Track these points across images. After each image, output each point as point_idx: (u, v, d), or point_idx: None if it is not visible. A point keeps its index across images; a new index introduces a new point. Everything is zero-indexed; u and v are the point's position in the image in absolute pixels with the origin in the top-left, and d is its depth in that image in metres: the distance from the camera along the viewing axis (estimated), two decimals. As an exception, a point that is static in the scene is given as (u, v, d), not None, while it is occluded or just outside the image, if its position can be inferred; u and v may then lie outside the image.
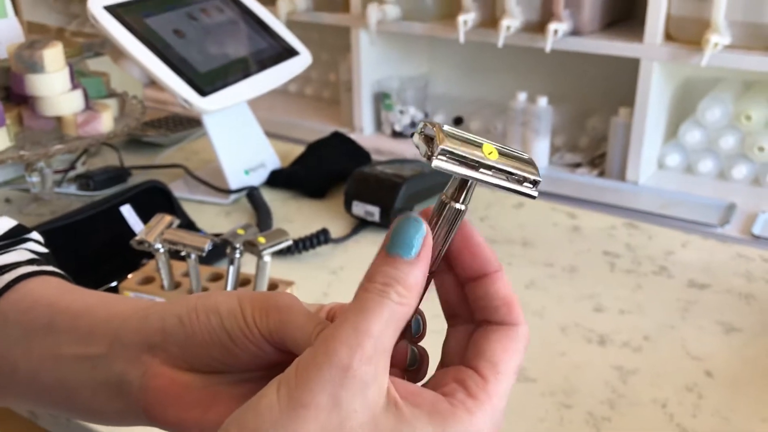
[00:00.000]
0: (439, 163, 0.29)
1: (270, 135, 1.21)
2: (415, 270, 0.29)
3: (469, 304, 0.32)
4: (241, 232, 0.74)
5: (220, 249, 0.77)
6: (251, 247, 0.72)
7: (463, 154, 0.29)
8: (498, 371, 0.29)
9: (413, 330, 0.33)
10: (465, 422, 0.28)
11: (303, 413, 0.26)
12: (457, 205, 0.30)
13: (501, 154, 0.30)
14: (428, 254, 0.29)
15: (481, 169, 0.29)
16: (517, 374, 0.30)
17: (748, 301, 0.82)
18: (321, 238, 0.92)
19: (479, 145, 0.29)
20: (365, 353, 0.27)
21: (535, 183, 0.30)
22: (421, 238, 0.29)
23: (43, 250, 0.47)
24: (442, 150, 0.28)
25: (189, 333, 0.33)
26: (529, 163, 0.31)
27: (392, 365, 0.29)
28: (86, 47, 1.20)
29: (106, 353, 0.35)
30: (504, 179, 0.30)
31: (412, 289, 0.29)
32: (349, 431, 0.26)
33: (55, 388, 0.37)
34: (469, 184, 0.30)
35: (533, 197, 0.31)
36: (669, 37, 1.29)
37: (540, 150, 1.48)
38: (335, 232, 0.96)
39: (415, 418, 0.27)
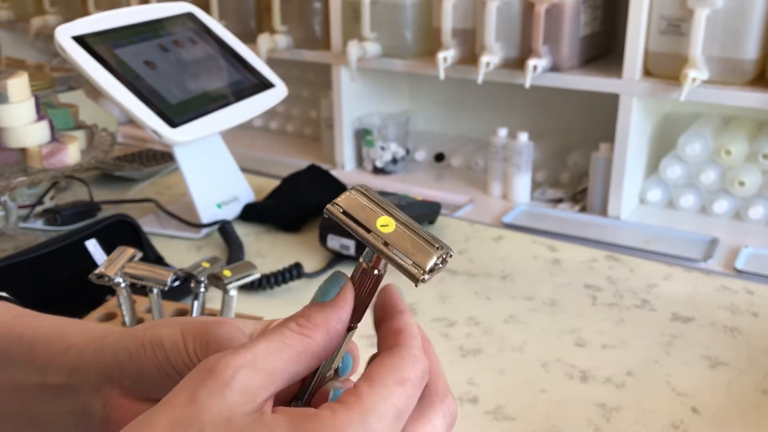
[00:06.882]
0: (331, 214, 0.30)
1: (251, 172, 1.19)
2: (326, 311, 0.30)
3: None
4: (206, 265, 0.71)
5: (188, 284, 0.74)
6: (216, 280, 0.69)
7: (355, 217, 0.30)
8: (372, 380, 0.28)
9: (339, 371, 0.33)
10: (326, 420, 0.27)
11: (160, 408, 0.27)
12: (375, 271, 0.31)
13: (399, 230, 0.30)
14: (344, 300, 0.31)
15: (370, 237, 0.30)
16: (403, 386, 0.29)
17: (733, 334, 0.79)
18: (293, 272, 0.89)
19: (379, 215, 0.30)
20: (235, 361, 0.28)
21: (431, 271, 0.30)
22: (337, 287, 0.31)
23: None
24: (337, 205, 0.30)
25: (139, 368, 0.34)
26: (429, 248, 0.30)
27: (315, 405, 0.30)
28: (59, 81, 1.18)
29: (67, 383, 0.36)
30: (395, 255, 0.30)
31: (318, 325, 0.30)
32: (200, 424, 0.26)
33: (17, 417, 0.38)
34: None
35: (416, 282, 0.30)
36: (647, 72, 1.29)
37: (521, 185, 1.47)
38: (310, 266, 0.94)
39: (273, 421, 0.27)
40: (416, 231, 0.30)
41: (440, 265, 0.30)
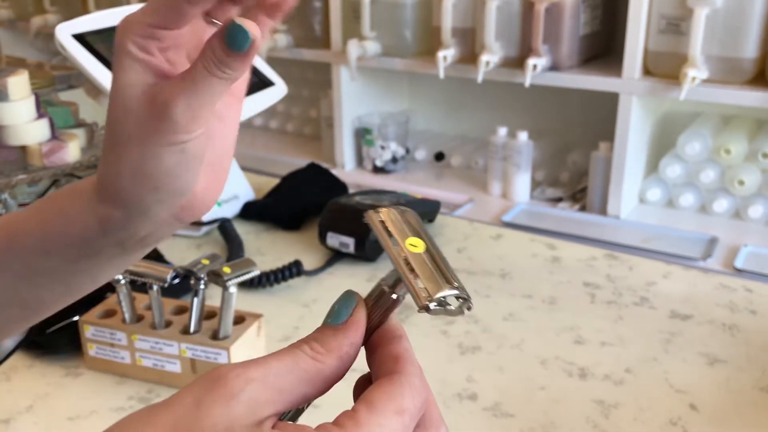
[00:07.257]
0: (368, 219, 0.32)
1: (251, 170, 1.19)
2: (339, 335, 0.30)
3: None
4: (205, 262, 0.71)
5: (187, 281, 0.74)
6: (216, 277, 0.69)
7: (389, 228, 0.31)
8: (371, 406, 0.28)
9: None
10: None
11: (163, 408, 0.27)
12: (393, 295, 0.31)
13: (425, 255, 0.31)
14: (357, 324, 0.31)
15: (395, 249, 0.31)
16: (401, 416, 0.28)
17: (731, 332, 0.79)
18: (293, 270, 0.89)
19: (409, 235, 0.31)
20: (247, 374, 0.28)
21: (440, 304, 0.30)
22: (350, 309, 0.31)
23: None
24: (378, 213, 0.32)
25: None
26: (445, 282, 0.30)
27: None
28: (59, 79, 1.18)
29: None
30: (410, 272, 0.30)
31: (331, 350, 0.30)
32: (200, 430, 0.26)
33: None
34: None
35: (419, 307, 0.30)
36: (647, 71, 1.29)
37: (521, 184, 1.47)
38: (309, 264, 0.94)
39: None
40: (441, 264, 0.30)
41: (452, 307, 0.30)
